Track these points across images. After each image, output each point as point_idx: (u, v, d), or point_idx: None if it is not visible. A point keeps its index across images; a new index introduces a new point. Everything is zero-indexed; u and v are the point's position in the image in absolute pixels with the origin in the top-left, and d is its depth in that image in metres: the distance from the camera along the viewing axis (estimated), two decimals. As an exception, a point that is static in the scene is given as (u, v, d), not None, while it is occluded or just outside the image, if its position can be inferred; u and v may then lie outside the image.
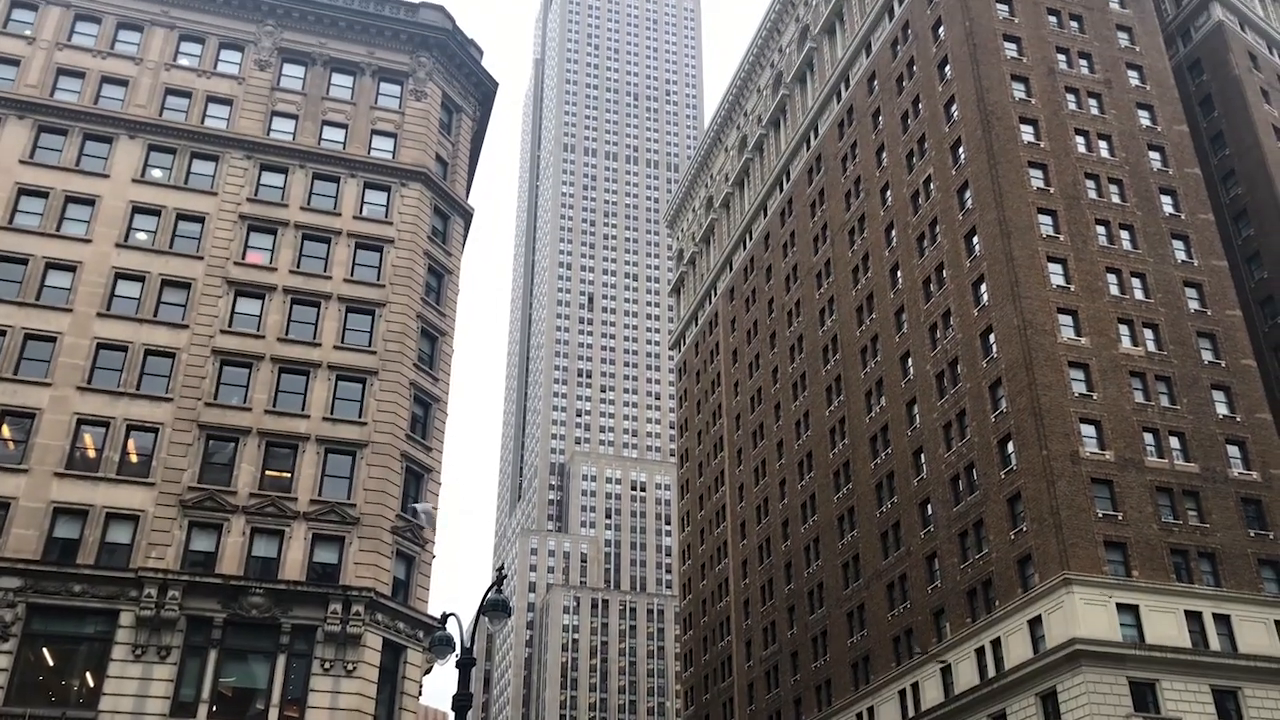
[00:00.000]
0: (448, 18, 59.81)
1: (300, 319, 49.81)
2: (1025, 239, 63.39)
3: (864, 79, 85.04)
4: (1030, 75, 70.35)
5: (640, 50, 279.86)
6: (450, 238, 56.62)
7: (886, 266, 76.57)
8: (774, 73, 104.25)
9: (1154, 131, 71.03)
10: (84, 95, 52.82)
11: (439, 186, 56.24)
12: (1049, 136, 68.11)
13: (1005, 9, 73.07)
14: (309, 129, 55.29)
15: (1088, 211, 65.97)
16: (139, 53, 54.80)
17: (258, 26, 56.85)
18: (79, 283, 47.91)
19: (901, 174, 76.63)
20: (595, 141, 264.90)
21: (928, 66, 75.30)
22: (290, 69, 56.93)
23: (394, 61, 58.25)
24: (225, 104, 54.87)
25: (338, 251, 51.96)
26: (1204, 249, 67.11)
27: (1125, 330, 62.43)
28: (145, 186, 51.30)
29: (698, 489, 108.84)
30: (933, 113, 73.67)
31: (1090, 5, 75.41)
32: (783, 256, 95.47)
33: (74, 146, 51.32)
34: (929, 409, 68.23)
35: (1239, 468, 59.65)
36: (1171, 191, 68.89)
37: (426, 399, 51.06)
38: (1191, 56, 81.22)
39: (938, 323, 69.04)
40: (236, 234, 51.08)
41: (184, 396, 46.39)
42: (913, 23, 78.56)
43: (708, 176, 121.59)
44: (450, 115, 60.01)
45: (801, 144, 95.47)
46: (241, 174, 52.69)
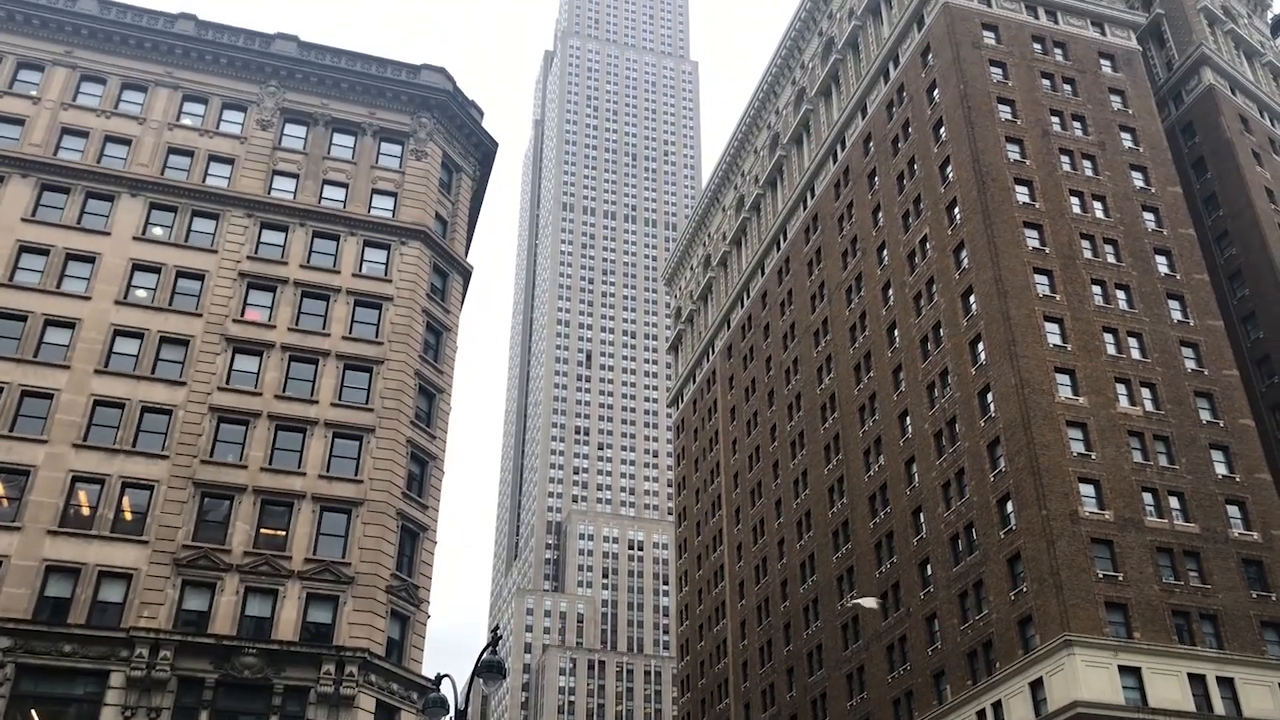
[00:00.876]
0: (448, 79, 60.55)
1: (298, 376, 49.82)
2: (1022, 298, 63.67)
3: (860, 140, 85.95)
4: (1025, 137, 71.16)
5: (639, 111, 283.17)
6: (449, 295, 56.81)
7: (884, 325, 76.80)
8: (771, 134, 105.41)
9: (1148, 193, 71.69)
10: (87, 154, 53.30)
11: (438, 245, 56.56)
12: (1044, 197, 68.72)
13: (999, 72, 74.12)
14: (310, 188, 55.72)
15: (1084, 271, 66.35)
16: (143, 112, 55.40)
17: (260, 87, 57.53)
18: (77, 339, 47.96)
19: (898, 234, 77.16)
20: (594, 200, 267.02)
21: (923, 128, 76.15)
22: (292, 129, 57.53)
23: (395, 122, 58.89)
24: (227, 163, 55.35)
25: (336, 309, 52.11)
26: (1200, 309, 67.41)
27: (1123, 389, 62.49)
28: (146, 244, 51.58)
29: (696, 548, 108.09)
30: (928, 173, 74.37)
31: (1083, 69, 76.52)
32: (780, 315, 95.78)
33: (76, 204, 51.66)
34: (928, 468, 68.02)
35: (1239, 528, 59.35)
36: (1166, 252, 69.36)
37: (423, 457, 50.88)
38: (1184, 119, 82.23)
39: (935, 381, 69.09)
40: (236, 291, 51.25)
41: (180, 454, 46.22)
42: (908, 86, 79.61)
43: (705, 235, 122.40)
44: (450, 174, 60.53)
45: (798, 204, 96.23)
46: (242, 232, 53.00)
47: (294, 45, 58.89)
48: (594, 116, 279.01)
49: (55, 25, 55.55)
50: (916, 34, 79.83)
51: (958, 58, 73.53)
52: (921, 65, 78.16)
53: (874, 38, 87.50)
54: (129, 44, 56.36)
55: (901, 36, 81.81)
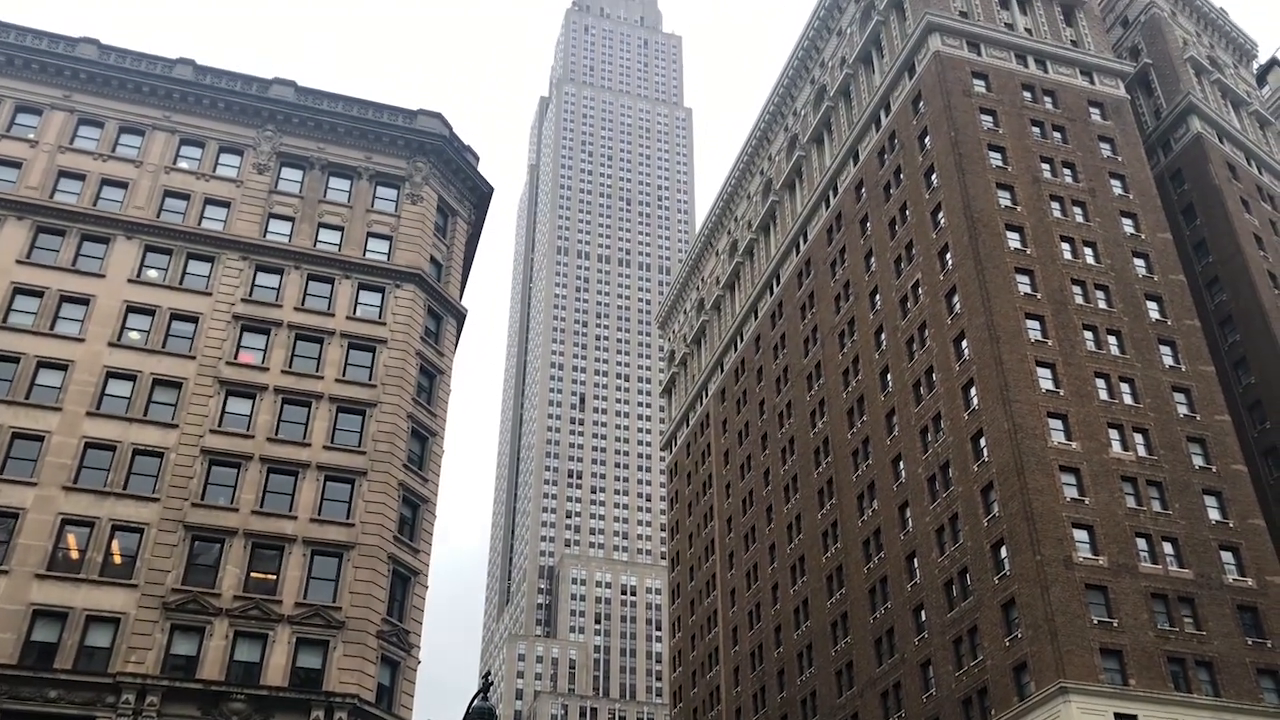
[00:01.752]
0: (445, 124, 61.04)
1: (290, 419, 49.73)
2: (1014, 343, 63.90)
3: (852, 186, 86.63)
4: (1015, 184, 71.78)
5: (633, 157, 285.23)
6: (443, 338, 56.89)
7: (877, 369, 76.96)
8: (764, 180, 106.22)
9: (1138, 239, 72.23)
10: (83, 197, 53.52)
11: (433, 288, 56.72)
12: (1035, 243, 69.19)
13: (989, 120, 74.91)
14: (305, 231, 55.96)
15: (1075, 317, 66.65)
16: (140, 156, 55.71)
17: (257, 131, 57.93)
18: (70, 381, 47.88)
19: (890, 279, 77.54)
20: (588, 244, 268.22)
21: (914, 175, 76.80)
22: (288, 172, 57.86)
23: (391, 166, 59.27)
24: (223, 206, 55.60)
25: (330, 351, 52.14)
26: (1191, 354, 67.67)
27: (1115, 434, 62.55)
28: (140, 286, 51.66)
29: (689, 593, 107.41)
30: (920, 219, 74.89)
31: (1073, 117, 77.37)
32: (773, 359, 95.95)
33: (71, 247, 51.79)
34: (921, 513, 67.86)
35: (1234, 574, 59.19)
36: (1157, 298, 69.76)
37: (415, 500, 50.68)
38: (1172, 166, 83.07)
39: (928, 426, 69.12)
40: (230, 334, 51.29)
41: (171, 496, 46.00)
42: (899, 133, 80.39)
43: (699, 279, 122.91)
44: (446, 218, 60.83)
45: (791, 248, 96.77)
46: (237, 274, 53.13)
47: (291, 90, 59.38)
48: (589, 161, 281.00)
49: (54, 70, 56.01)
50: (908, 82, 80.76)
51: (949, 105, 74.32)
52: (913, 113, 78.98)
53: (865, 86, 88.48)
54: (127, 88, 56.80)
55: (893, 85, 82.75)
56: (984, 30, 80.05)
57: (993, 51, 79.30)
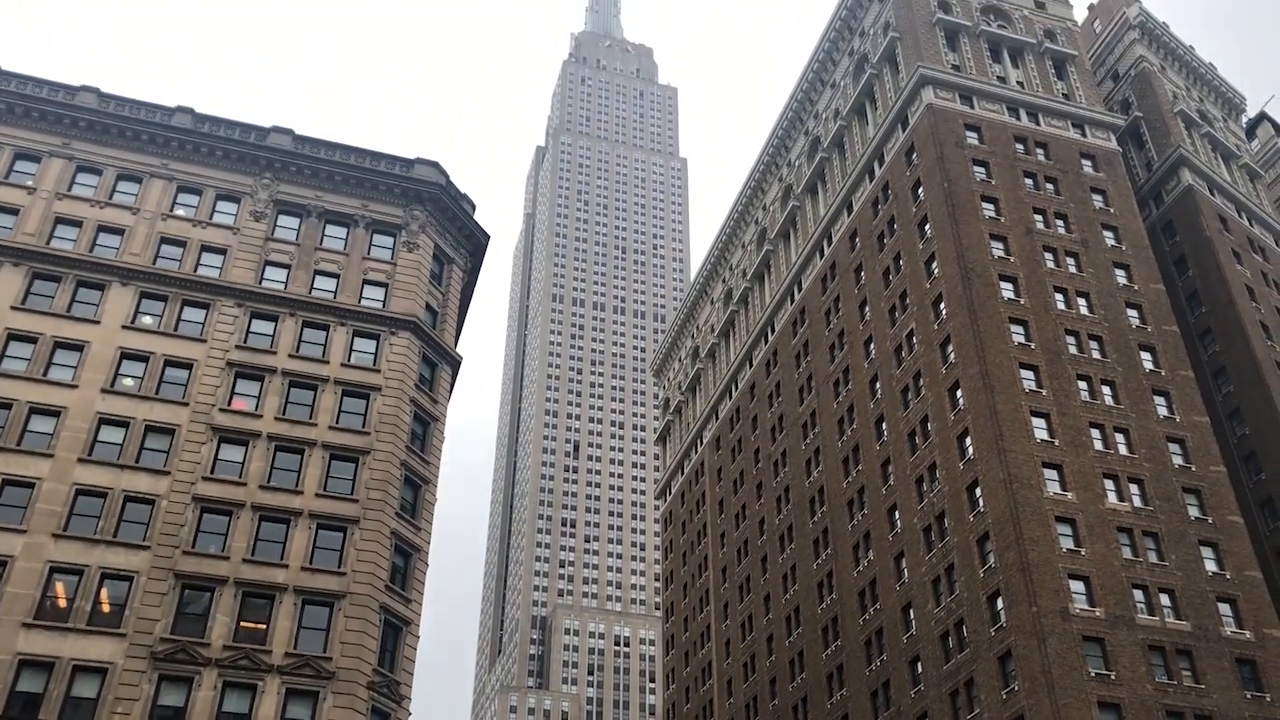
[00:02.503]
0: (442, 173, 61.40)
1: (283, 466, 49.49)
2: (1008, 393, 63.92)
3: (846, 236, 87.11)
4: (1009, 235, 72.22)
5: (629, 206, 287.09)
6: (437, 385, 56.81)
7: (872, 419, 76.88)
8: (758, 229, 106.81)
9: (1131, 290, 72.56)
10: (80, 243, 53.63)
11: (428, 335, 56.73)
12: (1028, 293, 69.48)
13: (982, 171, 75.54)
14: (301, 278, 56.05)
15: (1069, 367, 66.77)
16: (137, 203, 55.92)
17: (255, 179, 58.23)
18: (62, 428, 47.67)
19: (885, 328, 77.73)
20: (583, 292, 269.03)
21: (908, 225, 77.28)
22: (285, 220, 58.07)
23: (388, 214, 59.52)
24: (219, 253, 55.73)
25: (324, 398, 52.01)
26: (1185, 405, 67.73)
27: (1110, 485, 62.38)
28: (135, 333, 51.62)
29: (683, 644, 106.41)
30: (914, 269, 75.24)
31: (1065, 169, 78.06)
32: (768, 407, 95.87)
33: (66, 293, 51.81)
34: (917, 563, 67.47)
35: (1231, 626, 58.78)
36: (1151, 348, 69.94)
37: (407, 549, 50.31)
38: (1164, 218, 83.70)
39: (924, 475, 68.92)
40: (223, 380, 51.18)
41: (161, 544, 45.61)
42: (893, 183, 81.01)
43: (694, 327, 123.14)
44: (441, 266, 60.99)
45: (786, 297, 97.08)
46: (231, 321, 53.13)
47: (289, 138, 59.78)
48: (584, 210, 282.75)
49: (54, 118, 56.37)
50: (901, 134, 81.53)
51: (941, 157, 74.99)
52: (906, 164, 79.64)
53: (859, 137, 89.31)
54: (126, 136, 57.15)
55: (886, 136, 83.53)
56: (976, 83, 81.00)
57: (985, 104, 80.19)
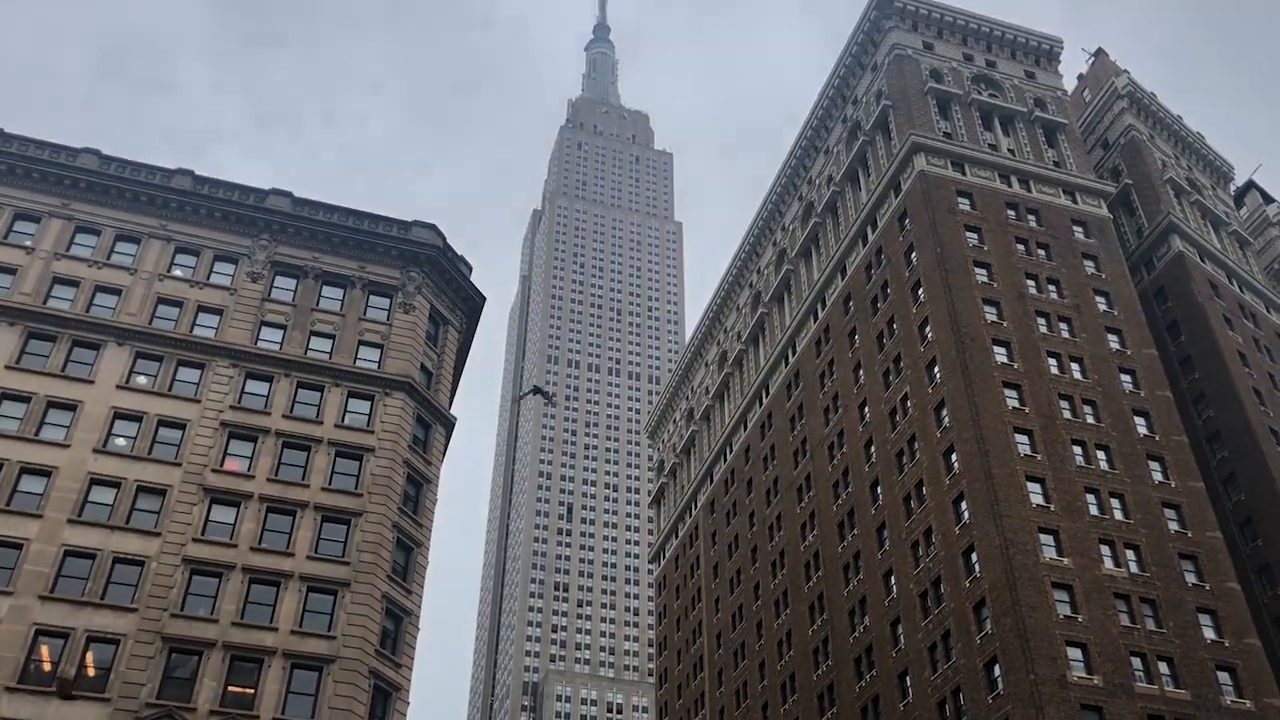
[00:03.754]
0: (439, 235, 61.82)
1: (275, 528, 49.17)
2: (1004, 457, 63.82)
3: (840, 299, 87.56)
4: (1001, 299, 72.63)
5: (624, 268, 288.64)
6: (431, 447, 56.63)
7: (867, 482, 76.64)
8: (752, 292, 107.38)
9: (1124, 355, 72.83)
10: (76, 303, 53.75)
11: (422, 396, 56.69)
12: (1022, 358, 69.70)
13: (975, 237, 76.18)
14: (296, 339, 56.14)
15: (1064, 431, 66.75)
16: (134, 263, 56.15)
17: (253, 240, 58.56)
18: (52, 488, 47.38)
19: (879, 391, 77.80)
20: (578, 354, 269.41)
21: (901, 289, 77.72)
22: (282, 281, 58.31)
23: (384, 275, 59.79)
24: (215, 313, 55.85)
25: (317, 459, 51.81)
26: (1180, 470, 67.60)
27: (1107, 551, 62.01)
28: (129, 393, 51.56)
29: (676, 712, 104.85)
30: (907, 333, 75.53)
31: (1056, 235, 78.76)
32: (763, 470, 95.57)
33: (62, 352, 51.81)
34: (913, 629, 66.80)
35: (1231, 695, 58.08)
36: (1145, 413, 69.98)
37: (398, 612, 49.77)
38: (1156, 284, 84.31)
39: (919, 540, 68.53)
40: (217, 441, 51.00)
41: (150, 606, 45.10)
42: (886, 248, 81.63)
43: (688, 389, 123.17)
44: (437, 327, 61.15)
45: (780, 360, 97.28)
46: (226, 381, 53.09)
47: (288, 201, 60.25)
48: (580, 272, 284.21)
49: (55, 179, 56.82)
50: (893, 200, 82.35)
51: (934, 223, 75.67)
52: (899, 229, 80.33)
53: (852, 203, 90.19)
54: (125, 197, 57.57)
55: (879, 202, 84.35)
56: (968, 151, 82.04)
57: (977, 171, 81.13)
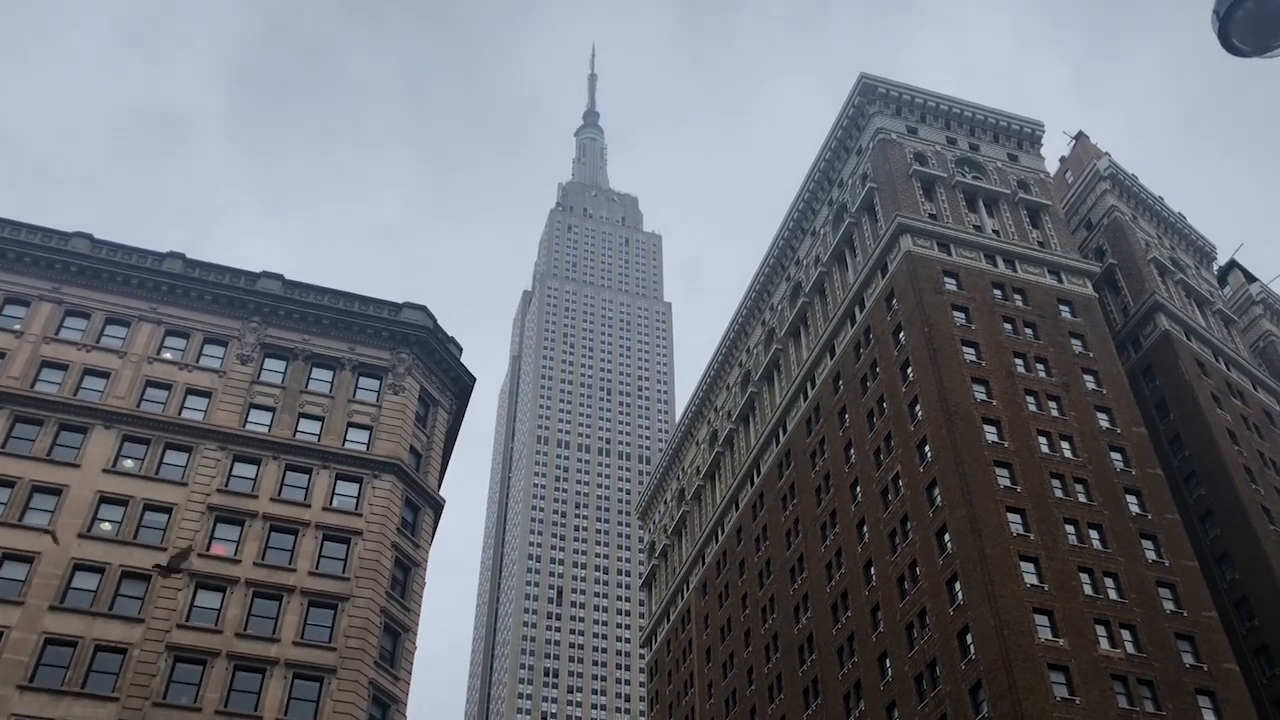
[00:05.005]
0: (429, 316, 62.00)
1: (261, 613, 48.40)
2: (996, 537, 63.44)
3: (829, 378, 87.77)
4: (990, 378, 72.87)
5: (614, 348, 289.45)
6: (419, 530, 56.10)
7: (860, 563, 75.99)
8: (742, 371, 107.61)
9: (1114, 433, 72.89)
10: (64, 387, 53.53)
11: (411, 478, 56.31)
12: (1012, 436, 69.69)
13: (962, 316, 76.70)
14: (285, 421, 55.90)
15: (1056, 510, 66.46)
16: (124, 346, 56.09)
17: (243, 323, 58.63)
18: (35, 574, 46.66)
19: (870, 470, 77.59)
20: (568, 434, 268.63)
21: (890, 368, 77.98)
22: (271, 363, 58.26)
23: (374, 357, 59.80)
24: (204, 396, 55.68)
25: (304, 543, 51.24)
26: (1174, 549, 67.23)
27: (1103, 631, 61.37)
28: (115, 476, 51.11)
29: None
30: (897, 412, 75.59)
31: (1043, 314, 79.35)
32: (755, 551, 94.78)
33: (48, 436, 51.45)
34: (910, 713, 65.67)
35: (1234, 779, 57.08)
36: (1136, 491, 69.82)
37: (385, 699, 48.82)
38: (1143, 362, 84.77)
39: (914, 621, 67.75)
40: (203, 525, 50.46)
41: (131, 695, 44.16)
42: (874, 328, 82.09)
43: (679, 469, 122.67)
44: (427, 408, 61.00)
45: (771, 439, 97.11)
46: (214, 465, 52.71)
47: (278, 283, 60.48)
48: (570, 353, 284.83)
49: (46, 263, 57.01)
50: (880, 280, 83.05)
51: (921, 302, 76.24)
52: (887, 309, 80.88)
53: (839, 283, 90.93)
54: (116, 280, 57.72)
55: (866, 282, 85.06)
56: (953, 232, 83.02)
57: (962, 251, 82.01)
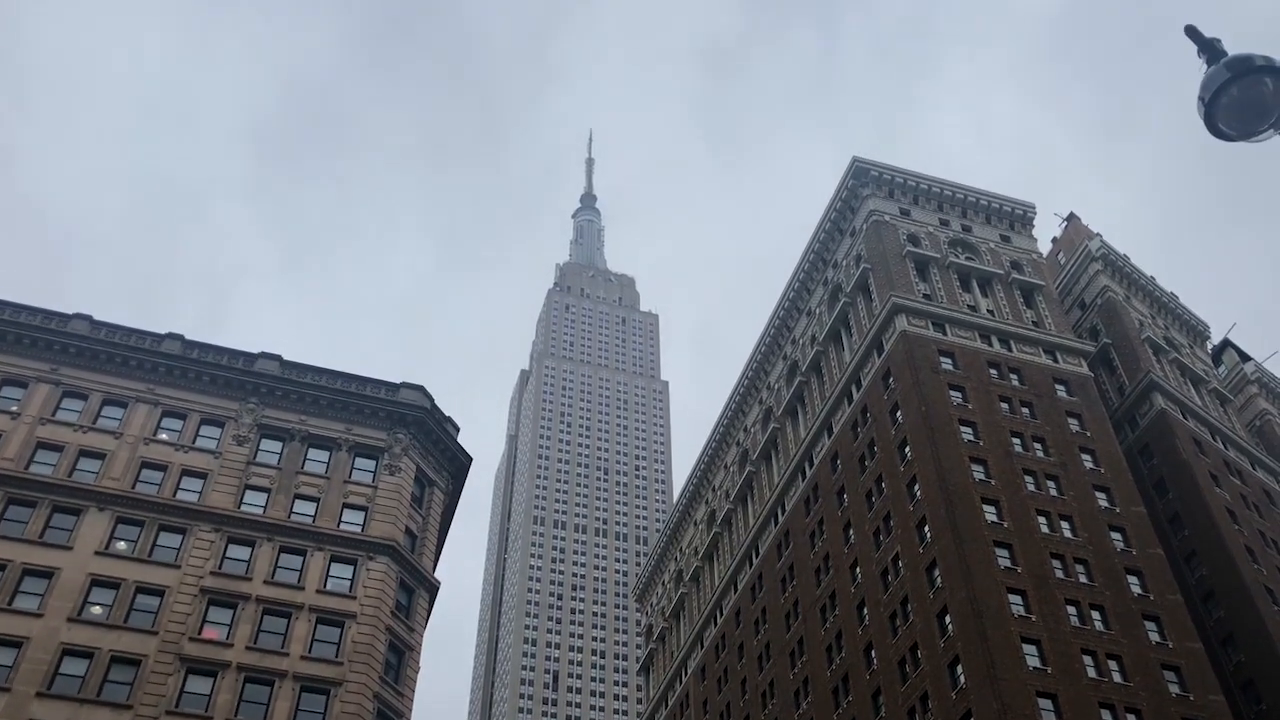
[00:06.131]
0: (426, 396, 62.03)
1: (252, 698, 47.60)
2: (998, 619, 62.71)
3: (827, 458, 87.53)
4: (988, 457, 72.69)
5: (611, 428, 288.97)
6: (414, 612, 55.43)
7: (860, 645, 74.98)
8: (740, 450, 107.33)
9: (1113, 512, 72.51)
10: (59, 468, 53.29)
11: (406, 560, 55.81)
12: (1011, 516, 69.31)
13: (959, 395, 76.80)
14: (280, 502, 55.58)
15: (1057, 591, 65.81)
16: (120, 427, 55.98)
17: (240, 404, 58.61)
18: (22, 659, 45.93)
19: (870, 551, 76.98)
20: (565, 514, 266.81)
21: (888, 448, 77.83)
22: (268, 444, 58.11)
23: (371, 437, 59.68)
24: (199, 477, 55.42)
25: (298, 627, 50.57)
26: (1177, 630, 66.43)
27: (1108, 715, 60.28)
28: (108, 559, 50.62)
29: None
30: (896, 491, 75.26)
31: (1039, 393, 79.47)
32: (755, 634, 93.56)
33: (41, 518, 51.06)
34: (913, 802, 64.30)
35: None
36: (1138, 572, 69.21)
37: (378, 789, 47.76)
38: (1140, 442, 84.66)
39: (916, 706, 66.61)
40: (196, 608, 49.84)
41: (116, 786, 43.20)
42: (871, 407, 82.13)
43: (677, 550, 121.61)
44: (423, 489, 60.70)
45: (769, 519, 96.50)
46: (208, 546, 52.26)
47: (276, 364, 60.61)
48: (567, 432, 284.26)
49: (44, 344, 57.16)
50: (877, 359, 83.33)
51: (918, 382, 76.39)
52: (883, 388, 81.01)
53: (836, 362, 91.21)
54: (114, 362, 57.83)
55: (862, 361, 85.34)
56: (948, 312, 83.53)
57: (958, 331, 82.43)
